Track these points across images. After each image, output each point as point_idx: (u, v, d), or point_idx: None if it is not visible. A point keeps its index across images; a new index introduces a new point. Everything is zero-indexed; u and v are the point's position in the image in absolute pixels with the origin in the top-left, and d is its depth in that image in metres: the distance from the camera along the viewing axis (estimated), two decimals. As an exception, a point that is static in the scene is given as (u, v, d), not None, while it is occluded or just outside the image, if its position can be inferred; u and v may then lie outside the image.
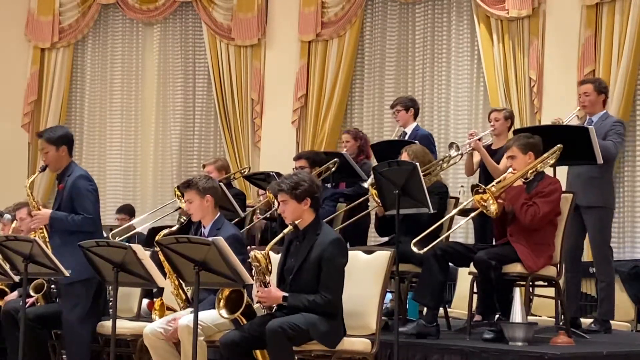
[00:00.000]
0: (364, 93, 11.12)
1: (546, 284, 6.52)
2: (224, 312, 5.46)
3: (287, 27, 11.37)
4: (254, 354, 5.48)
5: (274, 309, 5.47)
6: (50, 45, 12.21)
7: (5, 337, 6.64)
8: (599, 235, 7.03)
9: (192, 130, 12.05)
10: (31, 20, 12.25)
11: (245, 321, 5.47)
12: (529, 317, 6.25)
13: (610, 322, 7.11)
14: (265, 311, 5.52)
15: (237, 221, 7.81)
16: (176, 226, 6.27)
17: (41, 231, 6.50)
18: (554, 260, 6.34)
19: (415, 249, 6.01)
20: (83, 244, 5.80)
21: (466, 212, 6.58)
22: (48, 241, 6.40)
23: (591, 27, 9.40)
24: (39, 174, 7.12)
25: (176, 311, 6.10)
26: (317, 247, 5.46)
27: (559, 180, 6.55)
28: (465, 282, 7.07)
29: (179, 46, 12.07)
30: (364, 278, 5.65)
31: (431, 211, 6.27)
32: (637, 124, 9.36)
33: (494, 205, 6.05)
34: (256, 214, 8.87)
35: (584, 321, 7.19)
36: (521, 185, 6.26)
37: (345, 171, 8.46)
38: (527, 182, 6.29)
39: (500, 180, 6.29)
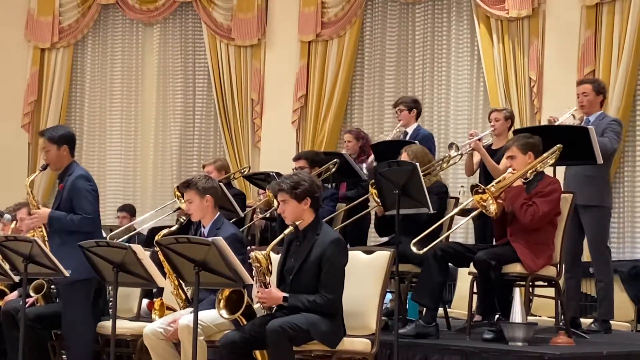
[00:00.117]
0: (364, 93, 11.11)
1: (546, 284, 6.51)
2: (224, 313, 5.45)
3: (287, 27, 11.37)
4: (254, 354, 5.48)
5: (274, 310, 5.47)
6: (50, 46, 12.21)
7: (5, 337, 6.63)
8: (596, 234, 7.04)
9: (192, 131, 12.05)
10: (31, 21, 12.26)
11: (245, 321, 5.46)
12: (528, 317, 6.23)
13: (610, 322, 7.11)
14: (265, 311, 5.52)
15: (236, 221, 7.81)
16: (176, 226, 6.28)
17: (40, 230, 6.50)
18: (553, 260, 6.34)
19: (414, 249, 6.01)
20: (83, 244, 5.80)
21: (466, 212, 6.58)
22: (47, 240, 6.40)
23: (591, 27, 9.40)
24: (40, 172, 7.12)
25: (176, 311, 6.10)
26: (317, 247, 5.45)
27: (558, 180, 6.54)
28: (465, 282, 7.07)
29: (178, 46, 12.07)
30: (364, 278, 5.64)
31: (431, 211, 6.27)
32: (637, 124, 9.36)
33: (493, 205, 6.05)
34: (256, 214, 8.87)
35: (584, 321, 7.19)
36: (521, 185, 6.25)
37: (346, 171, 8.46)
38: (526, 182, 6.28)
39: (499, 180, 6.28)
